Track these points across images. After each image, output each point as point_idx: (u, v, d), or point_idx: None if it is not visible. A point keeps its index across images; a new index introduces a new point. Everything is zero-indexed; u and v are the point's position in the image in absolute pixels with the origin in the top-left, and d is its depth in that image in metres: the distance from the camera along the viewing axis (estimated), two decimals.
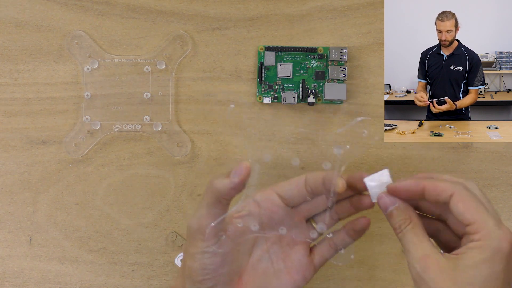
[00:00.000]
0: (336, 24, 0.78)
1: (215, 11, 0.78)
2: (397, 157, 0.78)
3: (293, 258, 0.62)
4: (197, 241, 0.58)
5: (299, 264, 0.62)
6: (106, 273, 0.77)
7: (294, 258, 0.62)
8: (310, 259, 0.63)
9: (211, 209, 0.57)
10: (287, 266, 0.62)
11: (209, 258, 0.58)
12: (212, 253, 0.58)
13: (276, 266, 0.62)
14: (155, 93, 0.77)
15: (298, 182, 0.61)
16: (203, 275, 0.59)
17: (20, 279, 0.77)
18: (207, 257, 0.58)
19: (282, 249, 0.63)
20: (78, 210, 0.77)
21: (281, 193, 0.61)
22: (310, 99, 0.77)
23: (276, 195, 0.62)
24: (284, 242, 0.63)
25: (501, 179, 0.78)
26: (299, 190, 0.61)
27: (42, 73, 0.77)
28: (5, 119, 0.77)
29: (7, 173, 0.77)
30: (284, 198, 0.62)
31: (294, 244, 0.63)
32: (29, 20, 0.77)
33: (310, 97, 0.77)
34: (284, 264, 0.62)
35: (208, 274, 0.59)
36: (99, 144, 0.77)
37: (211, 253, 0.58)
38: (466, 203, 0.53)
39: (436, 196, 0.55)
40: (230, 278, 0.61)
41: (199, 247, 0.58)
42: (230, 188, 0.57)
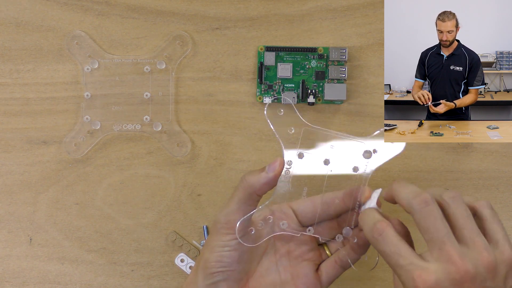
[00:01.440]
0: (336, 24, 0.78)
1: (215, 11, 0.78)
2: (397, 157, 0.78)
3: (300, 272, 0.63)
4: (221, 235, 0.59)
5: (306, 279, 0.63)
6: (106, 273, 0.77)
7: (301, 272, 0.63)
8: (317, 276, 0.63)
9: (241, 205, 0.59)
10: (294, 279, 0.63)
11: (228, 252, 0.59)
12: (232, 247, 0.59)
13: (283, 277, 0.63)
14: (155, 93, 0.77)
15: (314, 198, 0.62)
16: (217, 267, 0.60)
17: (20, 279, 0.77)
18: (226, 250, 0.59)
19: (290, 263, 0.63)
20: (78, 210, 0.77)
21: (296, 210, 0.63)
22: (310, 99, 0.77)
23: (291, 210, 0.63)
24: (292, 256, 0.64)
25: (501, 179, 0.78)
26: (314, 206, 0.62)
27: (42, 73, 0.77)
28: (5, 119, 0.77)
29: (7, 173, 0.77)
30: (298, 214, 0.63)
31: (302, 259, 0.63)
32: (29, 20, 0.77)
33: (310, 97, 0.77)
34: (291, 277, 0.63)
35: (222, 267, 0.60)
36: (99, 144, 0.77)
37: (232, 246, 0.59)
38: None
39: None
40: (240, 277, 0.61)
41: (222, 240, 0.59)
42: (263, 183, 0.58)
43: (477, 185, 0.78)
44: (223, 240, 0.59)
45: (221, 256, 0.59)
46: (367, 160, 0.61)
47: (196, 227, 0.77)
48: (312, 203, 0.62)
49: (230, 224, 0.59)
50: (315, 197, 0.62)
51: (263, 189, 0.59)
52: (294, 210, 0.63)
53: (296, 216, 0.63)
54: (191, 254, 0.77)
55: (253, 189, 0.58)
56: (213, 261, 0.60)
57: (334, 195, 0.62)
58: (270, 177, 0.58)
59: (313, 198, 0.62)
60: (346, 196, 0.61)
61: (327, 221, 0.63)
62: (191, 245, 0.77)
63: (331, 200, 0.62)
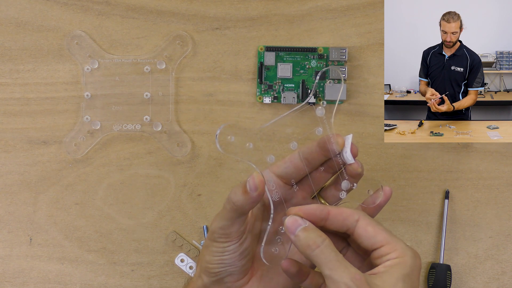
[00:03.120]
0: (336, 24, 0.78)
1: (215, 11, 0.77)
2: (397, 157, 0.78)
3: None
4: (220, 243, 0.59)
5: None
6: (106, 273, 0.77)
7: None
8: None
9: (233, 220, 0.59)
10: None
11: (228, 255, 0.59)
12: (232, 251, 0.59)
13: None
14: (155, 93, 0.77)
15: (293, 158, 0.61)
16: (219, 268, 0.60)
17: (20, 279, 0.77)
18: (226, 255, 0.59)
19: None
20: (78, 210, 0.77)
21: (279, 173, 0.61)
22: (310, 99, 0.77)
23: (274, 176, 0.62)
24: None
25: (501, 179, 0.78)
26: (296, 166, 0.61)
27: (42, 73, 0.77)
28: (5, 119, 0.77)
29: (7, 173, 0.77)
30: (282, 177, 0.61)
31: None
32: (29, 20, 0.77)
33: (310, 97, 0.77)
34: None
35: (225, 267, 0.60)
36: (99, 144, 0.77)
37: (231, 251, 0.59)
38: (375, 227, 0.56)
39: (342, 221, 0.56)
40: (246, 268, 0.61)
41: (221, 247, 0.59)
42: (250, 204, 0.58)
43: (477, 185, 0.78)
44: (222, 247, 0.59)
45: (222, 259, 0.59)
46: (322, 114, 0.60)
47: (196, 227, 0.77)
48: (292, 163, 0.61)
49: (227, 233, 0.58)
50: (292, 156, 0.61)
51: (250, 208, 0.58)
52: (277, 174, 0.61)
53: (281, 180, 0.61)
54: (191, 254, 0.77)
55: (242, 210, 0.58)
56: (214, 263, 0.59)
57: (309, 149, 0.60)
58: (255, 196, 0.57)
59: (291, 158, 0.61)
60: (321, 146, 0.60)
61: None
62: (191, 245, 0.77)
63: (309, 155, 0.61)
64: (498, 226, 0.78)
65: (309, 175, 0.61)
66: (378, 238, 0.55)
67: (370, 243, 0.56)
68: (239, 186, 0.57)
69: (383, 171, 0.78)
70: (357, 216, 0.56)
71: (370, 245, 0.56)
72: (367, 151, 0.78)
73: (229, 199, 0.58)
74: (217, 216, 0.59)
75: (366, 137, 0.78)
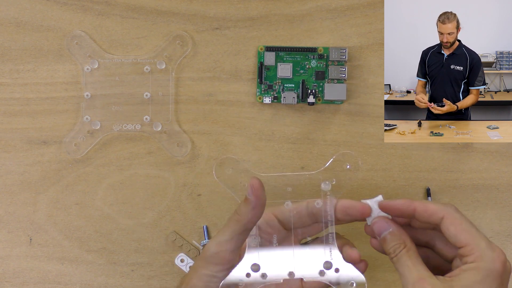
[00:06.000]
0: (336, 24, 0.78)
1: (215, 11, 0.78)
2: (397, 157, 0.78)
3: None
4: (210, 265, 0.60)
5: None
6: (106, 273, 0.77)
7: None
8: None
9: (234, 235, 0.59)
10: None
11: (215, 281, 0.60)
12: (220, 278, 0.60)
13: None
14: (155, 93, 0.77)
15: (298, 207, 0.63)
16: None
17: (20, 279, 0.77)
18: (214, 281, 0.60)
19: None
20: (78, 210, 0.77)
21: (280, 217, 0.63)
22: (310, 99, 0.77)
23: (275, 218, 0.63)
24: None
25: (501, 179, 0.78)
26: (298, 215, 0.63)
27: (42, 73, 0.77)
28: (5, 119, 0.77)
29: (7, 173, 0.77)
30: (282, 222, 0.63)
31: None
32: (29, 20, 0.77)
33: (310, 97, 0.77)
34: None
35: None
36: (99, 144, 0.77)
37: (219, 278, 0.60)
38: (458, 226, 0.55)
39: (427, 218, 0.57)
40: None
41: (211, 270, 0.59)
42: (251, 208, 0.58)
43: (477, 185, 0.78)
44: (212, 271, 0.59)
45: (209, 286, 0.60)
46: (328, 189, 0.62)
47: (196, 227, 0.77)
48: (298, 212, 0.63)
49: (220, 255, 0.59)
50: (299, 204, 0.63)
51: (254, 219, 0.59)
52: (277, 217, 0.63)
53: (280, 223, 0.63)
54: (191, 254, 0.77)
55: (245, 220, 0.58)
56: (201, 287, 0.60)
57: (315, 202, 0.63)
58: (254, 200, 0.58)
59: (297, 205, 0.63)
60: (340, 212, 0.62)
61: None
62: (191, 245, 0.77)
63: (318, 211, 0.62)
64: (498, 226, 0.78)
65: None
66: (459, 237, 0.55)
67: (453, 243, 0.55)
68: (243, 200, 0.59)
69: (383, 171, 0.78)
70: (442, 214, 0.56)
71: (454, 244, 0.55)
72: (367, 151, 0.78)
73: (234, 212, 0.59)
74: (216, 235, 0.60)
75: (366, 137, 0.78)
